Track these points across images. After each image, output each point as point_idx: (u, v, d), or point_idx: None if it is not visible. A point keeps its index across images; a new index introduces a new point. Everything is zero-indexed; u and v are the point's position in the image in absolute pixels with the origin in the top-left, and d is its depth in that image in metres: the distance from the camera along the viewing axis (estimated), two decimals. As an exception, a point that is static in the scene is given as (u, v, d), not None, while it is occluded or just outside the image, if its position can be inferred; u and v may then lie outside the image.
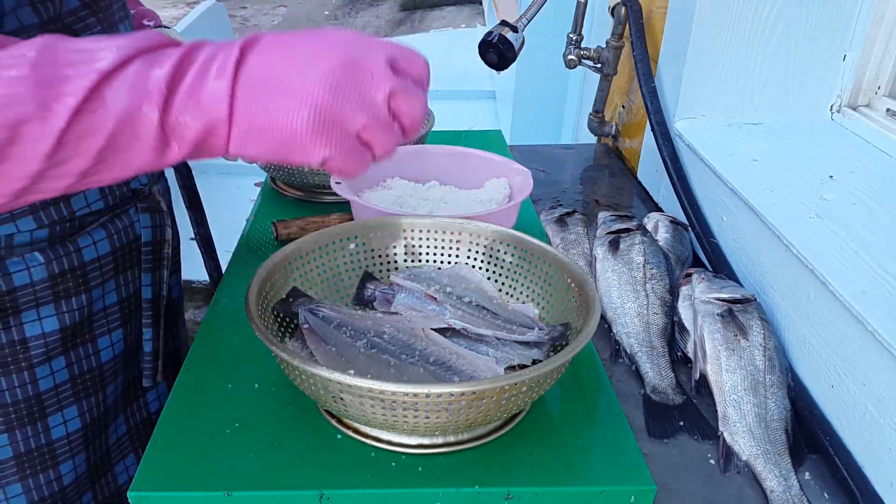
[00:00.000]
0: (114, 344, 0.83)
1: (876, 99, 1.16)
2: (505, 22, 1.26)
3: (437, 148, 1.08)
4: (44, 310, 0.74)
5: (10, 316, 0.72)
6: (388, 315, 0.77)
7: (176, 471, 0.63)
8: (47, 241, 0.73)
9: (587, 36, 1.52)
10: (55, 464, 0.80)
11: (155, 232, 0.84)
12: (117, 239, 0.79)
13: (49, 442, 0.79)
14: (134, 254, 0.83)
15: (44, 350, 0.75)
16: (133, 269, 0.83)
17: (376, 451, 0.66)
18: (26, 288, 0.72)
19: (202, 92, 0.45)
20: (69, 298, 0.76)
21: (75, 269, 0.75)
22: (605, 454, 0.66)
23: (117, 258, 0.80)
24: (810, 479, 0.73)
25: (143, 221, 0.83)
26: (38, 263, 0.72)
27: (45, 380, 0.76)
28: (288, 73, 0.47)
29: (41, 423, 0.78)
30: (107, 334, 0.82)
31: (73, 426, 0.80)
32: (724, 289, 0.89)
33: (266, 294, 0.73)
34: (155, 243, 0.84)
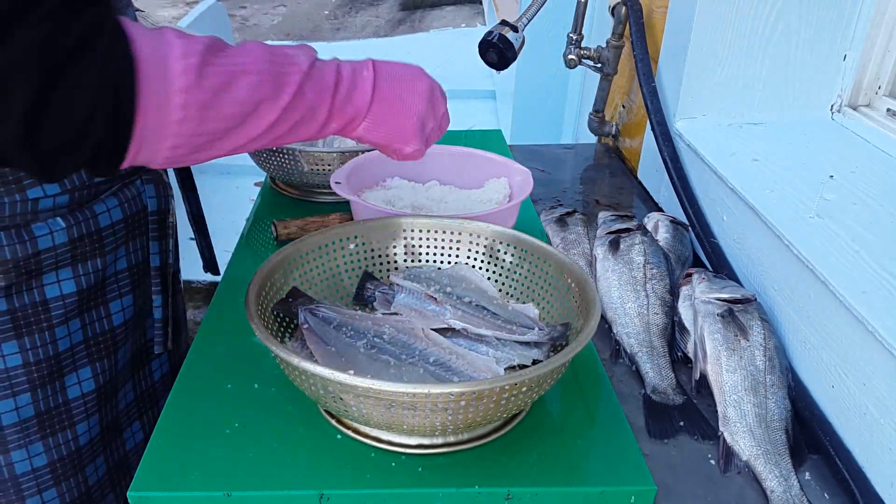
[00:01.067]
0: (124, 308, 0.88)
1: (876, 99, 1.16)
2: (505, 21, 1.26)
3: (437, 148, 1.08)
4: (63, 272, 0.80)
5: (34, 278, 0.78)
6: (388, 315, 0.77)
7: (176, 471, 0.63)
8: (67, 207, 0.79)
9: (587, 35, 1.52)
10: (72, 424, 0.85)
11: (160, 202, 0.89)
12: (128, 207, 0.85)
13: (66, 401, 0.84)
14: (141, 222, 0.89)
15: (62, 311, 0.81)
16: (141, 237, 0.89)
17: (376, 452, 0.65)
18: (49, 251, 0.77)
19: (355, 95, 0.66)
20: (85, 262, 0.82)
21: (92, 234, 0.81)
22: (606, 454, 0.66)
23: (128, 225, 0.86)
24: (811, 480, 0.73)
25: (149, 192, 0.88)
26: (60, 228, 0.78)
27: (62, 340, 0.82)
28: (402, 92, 0.70)
29: (59, 381, 0.83)
30: (118, 299, 0.88)
31: (87, 387, 0.85)
32: (725, 289, 0.89)
33: (266, 294, 0.73)
34: (160, 212, 0.90)
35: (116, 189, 0.84)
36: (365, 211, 0.90)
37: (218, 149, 0.58)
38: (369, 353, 0.69)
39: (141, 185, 0.87)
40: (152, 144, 0.53)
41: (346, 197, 0.91)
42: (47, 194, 0.76)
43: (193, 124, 0.54)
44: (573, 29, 1.45)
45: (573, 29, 1.45)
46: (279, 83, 0.59)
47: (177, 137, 0.54)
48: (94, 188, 0.81)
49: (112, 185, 0.83)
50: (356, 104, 0.66)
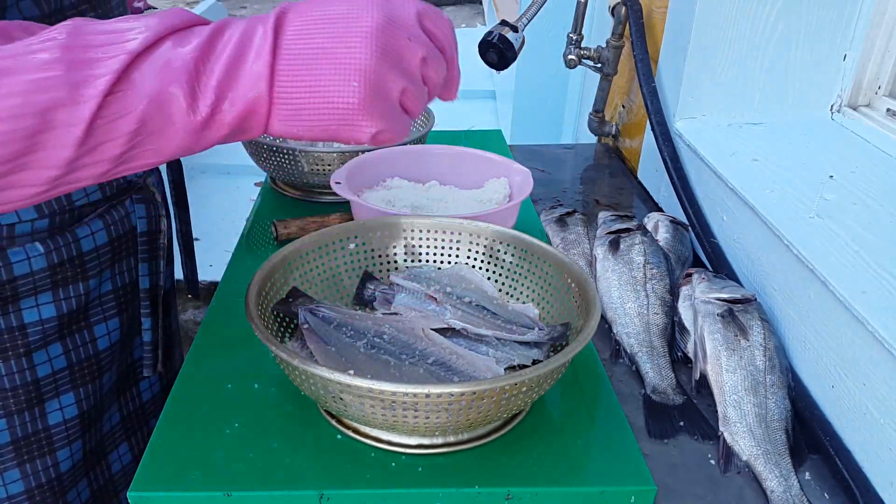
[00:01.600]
0: (110, 332, 0.84)
1: (876, 99, 1.16)
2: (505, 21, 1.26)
3: (437, 148, 1.08)
4: (42, 297, 0.76)
5: (10, 303, 0.74)
6: (388, 315, 0.77)
7: (176, 471, 0.63)
8: (47, 232, 0.74)
9: (587, 35, 1.52)
10: (52, 450, 0.81)
11: (150, 223, 0.86)
12: (114, 229, 0.81)
13: (46, 427, 0.80)
14: (130, 244, 0.85)
15: (41, 336, 0.77)
16: (129, 258, 0.85)
17: (376, 452, 0.65)
18: (26, 277, 0.73)
19: (239, 71, 0.43)
20: (66, 286, 0.77)
21: (74, 259, 0.77)
22: (605, 454, 0.66)
23: (114, 248, 0.82)
24: (811, 480, 0.73)
25: (139, 212, 0.84)
26: (38, 253, 0.74)
27: (42, 366, 0.78)
28: (329, 40, 0.43)
29: (38, 408, 0.79)
30: (103, 322, 0.83)
31: (69, 413, 0.82)
32: (725, 289, 0.89)
33: (266, 294, 0.73)
34: (150, 234, 0.86)
35: (103, 211, 0.79)
36: (365, 211, 0.90)
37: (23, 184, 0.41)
38: (369, 353, 0.69)
39: (131, 206, 0.83)
40: None
41: (346, 197, 0.91)
42: (22, 220, 0.71)
43: None
44: (573, 29, 1.45)
45: (573, 29, 1.45)
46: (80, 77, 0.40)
47: None
48: (77, 211, 0.76)
49: (98, 208, 0.79)
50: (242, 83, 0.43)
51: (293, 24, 0.44)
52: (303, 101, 0.44)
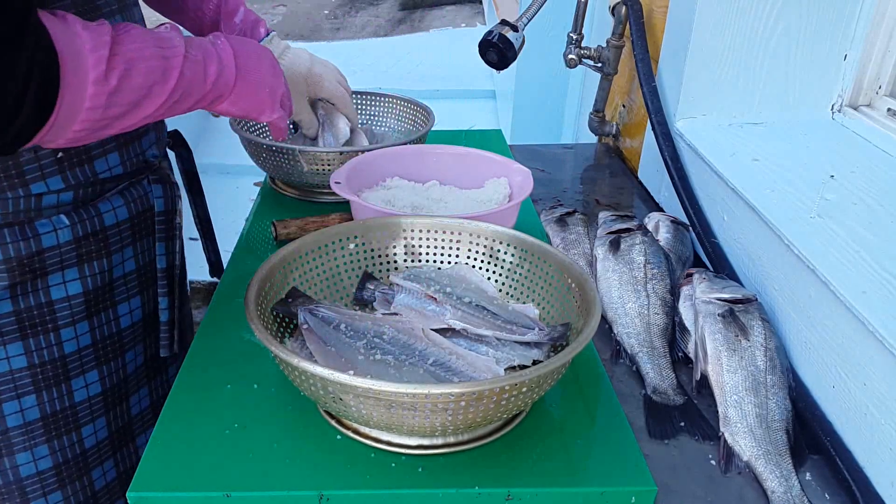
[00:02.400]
0: (132, 311, 0.88)
1: (877, 98, 1.15)
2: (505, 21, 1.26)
3: (437, 148, 1.08)
4: (68, 273, 0.79)
5: (38, 278, 0.77)
6: (388, 315, 0.76)
7: (175, 471, 0.63)
8: (72, 205, 0.78)
9: (588, 35, 1.52)
10: (77, 426, 0.84)
11: (167, 202, 0.89)
12: (134, 207, 0.85)
13: (72, 404, 0.83)
14: (149, 223, 0.88)
15: (69, 313, 0.80)
16: (148, 237, 0.89)
17: (376, 452, 0.65)
18: (53, 249, 0.77)
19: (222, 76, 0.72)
20: (91, 262, 0.81)
21: (97, 233, 0.81)
22: (606, 455, 0.66)
23: (134, 225, 0.86)
24: (811, 480, 0.73)
25: (156, 192, 0.88)
26: (64, 225, 0.77)
27: (69, 342, 0.81)
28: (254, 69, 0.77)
29: (65, 385, 0.82)
30: (126, 301, 0.87)
31: (94, 390, 0.85)
32: (725, 289, 0.89)
33: (266, 294, 0.72)
34: (167, 213, 0.89)
35: (123, 188, 0.84)
36: (365, 211, 0.89)
37: (113, 129, 0.63)
38: (369, 353, 0.68)
39: (148, 185, 0.87)
40: (62, 126, 0.58)
41: (346, 197, 0.91)
42: (51, 189, 0.75)
43: (100, 111, 0.59)
44: (573, 28, 1.45)
45: (573, 28, 1.45)
46: (166, 67, 0.65)
47: (83, 122, 0.59)
48: (100, 185, 0.80)
49: (119, 184, 0.83)
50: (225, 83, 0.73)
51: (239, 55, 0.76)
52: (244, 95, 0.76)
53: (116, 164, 0.81)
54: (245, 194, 2.63)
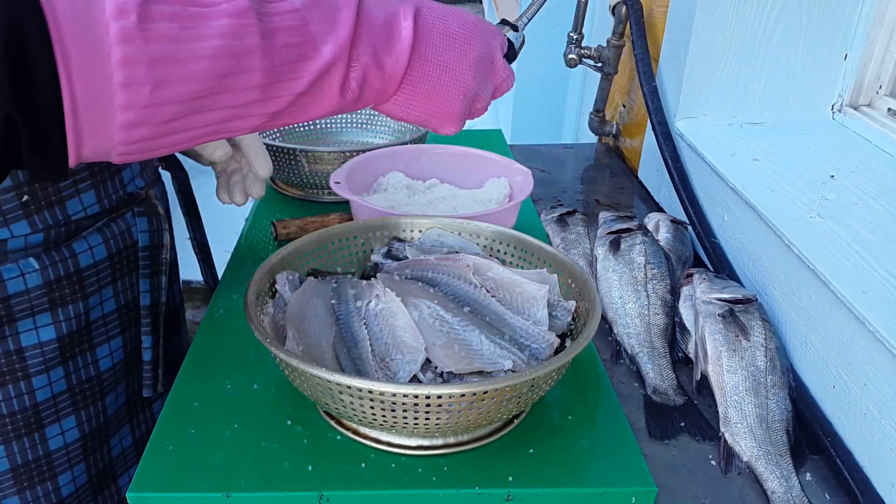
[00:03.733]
0: (113, 353, 0.82)
1: (877, 98, 1.15)
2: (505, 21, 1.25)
3: (437, 147, 1.08)
4: (40, 318, 0.73)
5: (6, 325, 0.71)
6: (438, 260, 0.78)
7: (175, 471, 0.63)
8: (42, 247, 0.71)
9: (588, 35, 1.52)
10: (53, 475, 0.78)
11: (152, 236, 0.83)
12: (114, 244, 0.78)
13: (46, 453, 0.77)
14: (131, 259, 0.82)
15: (41, 360, 0.74)
16: (131, 274, 0.82)
17: (376, 452, 0.65)
18: (21, 295, 0.71)
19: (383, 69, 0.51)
20: (66, 306, 0.74)
21: (71, 275, 0.74)
22: (606, 455, 0.66)
23: (114, 263, 0.79)
24: (811, 480, 0.73)
25: (140, 226, 0.81)
26: (33, 269, 0.71)
27: (42, 390, 0.75)
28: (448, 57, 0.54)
29: (38, 433, 0.76)
30: (105, 343, 0.81)
31: (70, 437, 0.79)
32: (726, 289, 0.89)
33: (265, 294, 0.72)
34: (153, 248, 0.83)
35: (102, 224, 0.77)
36: (365, 211, 0.89)
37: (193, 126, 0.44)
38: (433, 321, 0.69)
39: (132, 219, 0.80)
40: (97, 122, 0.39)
41: (346, 197, 0.91)
42: (15, 235, 0.68)
43: (146, 88, 0.40)
44: (573, 28, 1.45)
45: (573, 28, 1.45)
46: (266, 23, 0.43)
47: (128, 111, 0.40)
48: (75, 225, 0.73)
49: (96, 222, 0.76)
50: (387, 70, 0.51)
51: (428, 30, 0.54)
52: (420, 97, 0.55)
53: (92, 202, 0.74)
54: (245, 194, 2.62)
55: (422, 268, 0.78)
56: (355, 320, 0.69)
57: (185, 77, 0.41)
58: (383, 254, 0.82)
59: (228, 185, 0.90)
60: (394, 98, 0.54)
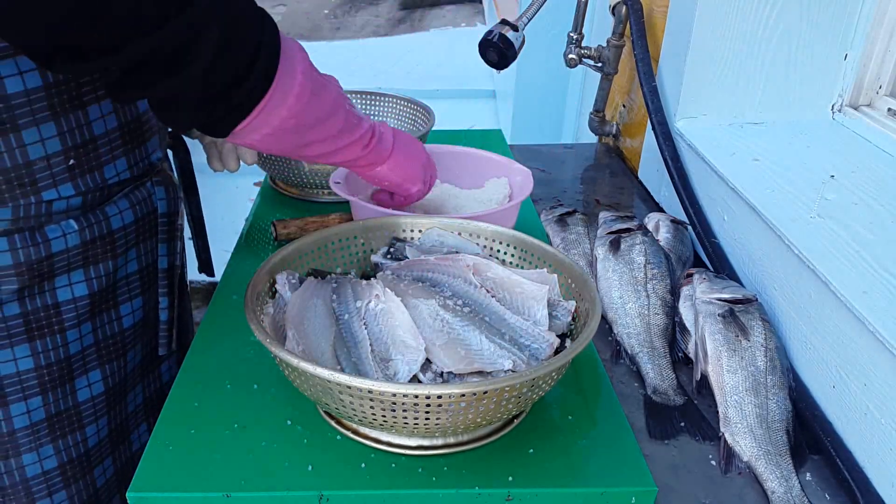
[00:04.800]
0: (134, 311, 0.88)
1: (877, 98, 1.15)
2: (505, 21, 1.26)
3: (437, 147, 1.07)
4: (74, 275, 0.79)
5: (45, 280, 0.77)
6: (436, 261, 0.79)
7: (175, 471, 0.63)
8: (80, 209, 0.78)
9: (588, 35, 1.52)
10: (81, 426, 0.85)
11: (169, 204, 0.89)
12: (139, 209, 0.85)
13: (76, 404, 0.84)
14: (152, 224, 0.88)
15: (74, 314, 0.80)
16: (151, 239, 0.89)
17: (376, 452, 0.65)
18: (61, 254, 0.77)
19: (382, 141, 0.79)
20: (97, 264, 0.81)
21: (104, 237, 0.81)
22: (606, 455, 0.66)
23: (139, 227, 0.86)
24: (811, 480, 0.73)
25: (159, 194, 0.87)
26: (73, 230, 0.77)
27: (74, 343, 0.81)
28: (410, 145, 0.84)
29: (69, 384, 0.82)
30: (128, 301, 0.87)
31: (97, 389, 0.85)
32: (726, 289, 0.89)
33: (265, 294, 0.72)
34: (170, 215, 0.89)
35: (128, 191, 0.83)
36: (365, 211, 0.89)
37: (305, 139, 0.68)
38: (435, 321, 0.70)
39: (152, 187, 0.87)
40: (270, 112, 0.62)
41: (345, 197, 0.91)
42: (61, 196, 0.75)
43: (303, 103, 0.64)
44: (573, 28, 1.45)
45: (573, 28, 1.45)
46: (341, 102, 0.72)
47: (289, 109, 0.63)
48: (107, 190, 0.80)
49: (124, 188, 0.83)
50: (384, 146, 0.80)
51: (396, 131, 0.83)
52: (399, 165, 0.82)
53: (124, 168, 0.81)
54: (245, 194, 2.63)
55: (422, 268, 0.78)
56: (355, 320, 0.69)
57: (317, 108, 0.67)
58: (383, 254, 0.82)
59: (221, 153, 0.99)
60: (388, 161, 0.81)
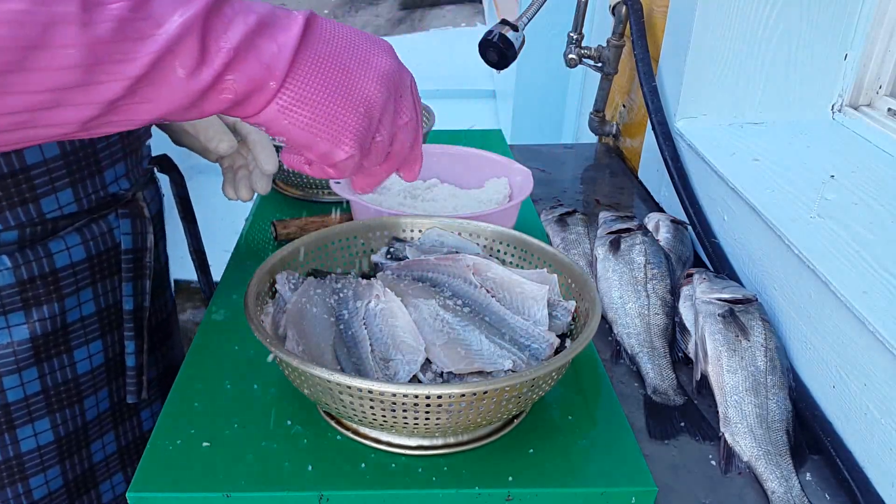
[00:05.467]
0: (91, 356, 0.80)
1: (877, 98, 1.15)
2: (505, 20, 1.26)
3: (437, 147, 1.08)
4: (13, 317, 0.71)
5: None
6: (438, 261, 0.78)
7: (175, 471, 0.63)
8: (16, 244, 0.70)
9: (588, 35, 1.52)
10: (24, 477, 0.77)
11: (136, 239, 0.80)
12: (93, 245, 0.76)
13: (17, 454, 0.76)
14: (113, 262, 0.79)
15: (13, 360, 0.73)
16: (112, 277, 0.80)
17: (376, 452, 0.65)
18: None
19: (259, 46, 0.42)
20: (40, 306, 0.73)
21: (46, 276, 0.72)
22: (606, 455, 0.66)
23: (94, 265, 0.77)
24: (811, 480, 0.73)
25: (124, 228, 0.79)
26: (6, 267, 0.69)
27: (13, 391, 0.74)
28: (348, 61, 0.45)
29: (9, 434, 0.75)
30: (84, 346, 0.79)
31: (44, 439, 0.78)
32: (726, 289, 0.89)
33: (265, 294, 0.72)
34: (136, 251, 0.80)
35: (81, 224, 0.74)
36: (365, 211, 0.89)
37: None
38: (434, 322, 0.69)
39: (115, 220, 0.78)
40: None
41: (346, 197, 0.91)
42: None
43: None
44: (573, 28, 1.45)
45: (573, 28, 1.45)
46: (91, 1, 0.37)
47: None
48: (51, 224, 0.71)
49: (75, 221, 0.73)
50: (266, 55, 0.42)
51: (324, 30, 0.45)
52: (309, 101, 0.45)
53: (69, 201, 0.72)
54: (245, 194, 2.62)
55: (422, 268, 0.78)
56: (355, 320, 0.69)
57: None
58: (383, 254, 0.82)
59: (234, 180, 0.89)
60: (276, 99, 0.44)
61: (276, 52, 0.43)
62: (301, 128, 0.46)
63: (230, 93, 0.43)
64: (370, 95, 0.47)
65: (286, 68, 0.43)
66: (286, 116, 0.45)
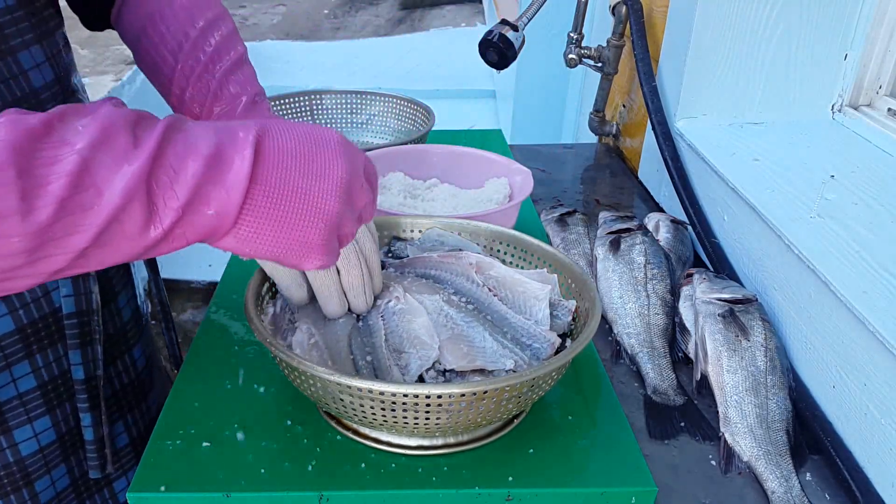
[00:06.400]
0: (38, 434, 0.72)
1: (877, 98, 1.15)
2: (505, 21, 1.26)
3: (437, 147, 1.07)
4: None
5: None
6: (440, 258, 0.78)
7: (175, 471, 0.63)
8: None
9: (588, 35, 1.52)
10: None
11: (79, 301, 0.71)
12: (24, 314, 0.67)
13: None
14: (53, 328, 0.71)
15: None
16: (55, 346, 0.72)
17: (376, 453, 0.65)
18: None
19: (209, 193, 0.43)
20: None
21: None
22: (606, 455, 0.66)
23: (27, 336, 0.69)
24: (811, 480, 0.73)
25: (64, 290, 0.70)
26: None
27: None
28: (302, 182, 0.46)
29: None
30: (27, 424, 0.71)
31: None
32: (726, 289, 0.89)
33: (265, 294, 0.72)
34: (82, 314, 0.71)
35: None
36: (365, 211, 0.89)
37: None
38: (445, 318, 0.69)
39: (52, 282, 0.68)
40: None
41: (345, 197, 0.91)
42: None
43: None
44: (573, 28, 1.45)
45: (573, 28, 1.45)
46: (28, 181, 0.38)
47: None
48: None
49: None
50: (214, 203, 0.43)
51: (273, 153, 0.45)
52: (267, 230, 0.47)
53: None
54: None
55: (425, 265, 0.77)
56: (373, 313, 0.69)
57: None
58: (384, 253, 0.82)
59: None
60: (233, 232, 0.46)
61: (225, 198, 0.43)
62: (265, 251, 0.48)
63: (183, 240, 0.44)
64: (329, 210, 0.48)
65: (236, 213, 0.44)
66: (247, 246, 0.47)
